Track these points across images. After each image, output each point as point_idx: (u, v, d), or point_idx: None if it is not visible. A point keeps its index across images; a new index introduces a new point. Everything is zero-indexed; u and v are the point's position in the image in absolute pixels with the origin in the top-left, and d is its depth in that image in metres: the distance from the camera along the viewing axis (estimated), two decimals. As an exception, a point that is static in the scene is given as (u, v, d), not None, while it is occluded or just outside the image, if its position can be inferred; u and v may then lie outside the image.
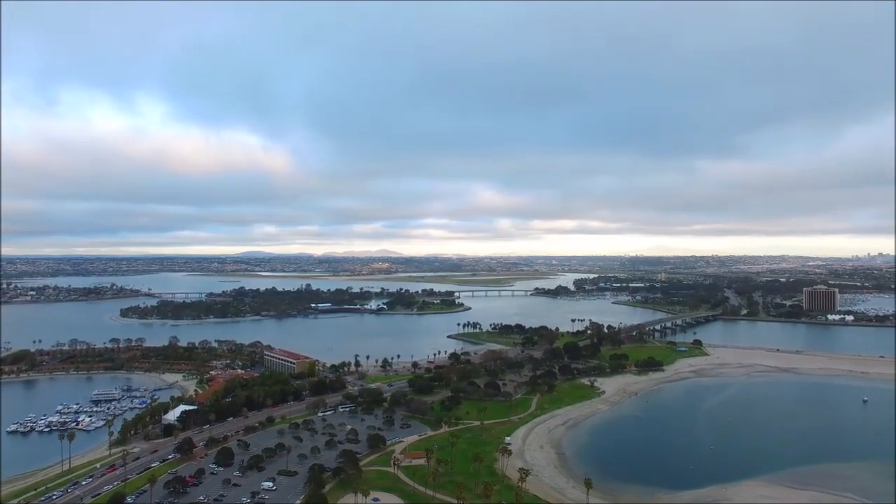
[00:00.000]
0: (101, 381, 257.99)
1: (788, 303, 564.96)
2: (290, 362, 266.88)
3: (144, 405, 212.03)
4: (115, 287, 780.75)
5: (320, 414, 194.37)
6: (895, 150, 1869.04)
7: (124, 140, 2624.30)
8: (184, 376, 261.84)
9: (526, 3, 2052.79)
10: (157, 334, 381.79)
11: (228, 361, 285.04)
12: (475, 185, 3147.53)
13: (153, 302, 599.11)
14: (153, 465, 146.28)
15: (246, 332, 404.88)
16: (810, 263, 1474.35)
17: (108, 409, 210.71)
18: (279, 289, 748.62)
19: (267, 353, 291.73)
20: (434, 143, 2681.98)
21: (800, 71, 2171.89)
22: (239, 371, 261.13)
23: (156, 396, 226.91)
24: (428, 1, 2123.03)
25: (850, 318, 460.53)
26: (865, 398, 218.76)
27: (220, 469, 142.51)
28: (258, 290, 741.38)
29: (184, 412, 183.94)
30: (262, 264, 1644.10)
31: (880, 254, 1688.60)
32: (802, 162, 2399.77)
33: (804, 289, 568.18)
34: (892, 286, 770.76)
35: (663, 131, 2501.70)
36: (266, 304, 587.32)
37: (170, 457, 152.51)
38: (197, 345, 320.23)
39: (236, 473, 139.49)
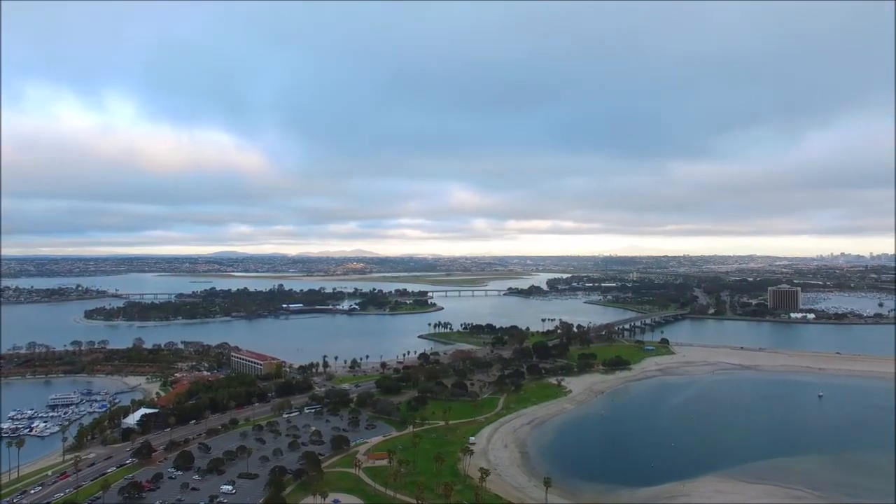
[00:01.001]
0: (60, 385, 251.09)
1: (754, 302, 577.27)
2: (257, 364, 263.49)
3: (104, 409, 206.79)
4: (80, 288, 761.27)
5: (285, 415, 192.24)
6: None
7: (93, 138, 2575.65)
8: (147, 379, 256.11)
9: (501, 4, 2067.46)
10: (123, 336, 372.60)
11: (194, 363, 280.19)
12: (451, 185, 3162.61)
13: (120, 303, 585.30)
14: (109, 470, 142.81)
15: (214, 333, 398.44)
16: (777, 263, 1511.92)
17: (66, 413, 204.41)
18: (251, 289, 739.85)
19: (234, 354, 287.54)
20: (409, 144, 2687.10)
21: (764, 76, 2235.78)
22: (204, 373, 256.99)
23: (116, 400, 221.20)
24: (402, 1, 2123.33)
25: (811, 316, 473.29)
26: (821, 393, 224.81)
27: (179, 473, 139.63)
28: (229, 290, 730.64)
29: (144, 416, 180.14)
30: (236, 264, 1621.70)
31: (842, 253, 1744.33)
32: (768, 164, 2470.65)
33: (769, 288, 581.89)
34: (852, 285, 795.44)
35: (635, 133, 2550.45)
36: (236, 304, 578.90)
37: (127, 462, 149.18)
38: (163, 346, 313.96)
39: (195, 477, 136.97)
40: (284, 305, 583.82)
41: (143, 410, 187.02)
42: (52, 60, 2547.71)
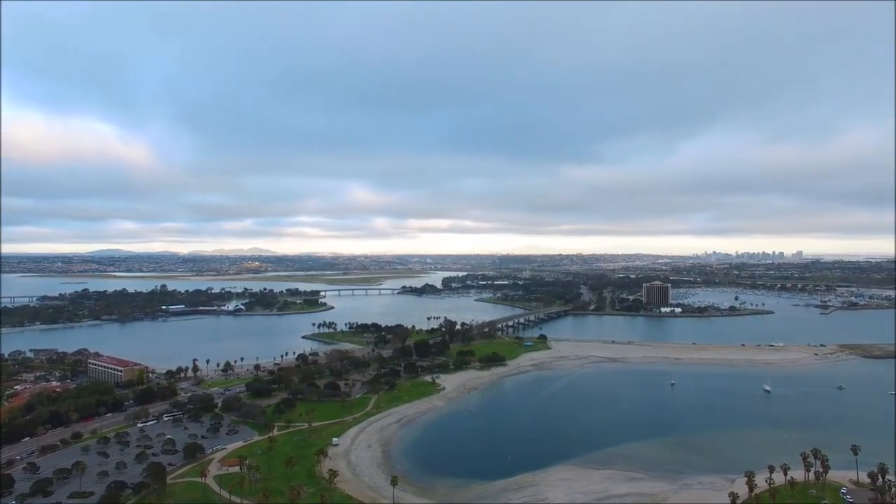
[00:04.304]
0: None
1: (632, 297, 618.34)
2: (117, 370, 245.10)
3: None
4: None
5: (140, 425, 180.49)
6: None
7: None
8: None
9: (394, 4, 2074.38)
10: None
11: (44, 373, 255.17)
12: (350, 183, 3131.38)
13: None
14: None
15: (79, 339, 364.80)
16: (660, 261, 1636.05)
17: None
18: (131, 290, 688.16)
19: (92, 361, 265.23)
20: (305, 141, 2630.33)
21: (640, 88, 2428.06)
22: (53, 384, 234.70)
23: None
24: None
25: (678, 310, 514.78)
26: (673, 382, 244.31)
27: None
28: (105, 292, 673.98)
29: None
30: (117, 264, 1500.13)
31: (714, 252, 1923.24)
32: (649, 169, 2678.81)
33: (644, 284, 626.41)
34: (717, 280, 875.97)
35: (529, 136, 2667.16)
36: (109, 307, 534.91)
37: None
38: (7, 356, 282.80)
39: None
40: (164, 307, 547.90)
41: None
42: None
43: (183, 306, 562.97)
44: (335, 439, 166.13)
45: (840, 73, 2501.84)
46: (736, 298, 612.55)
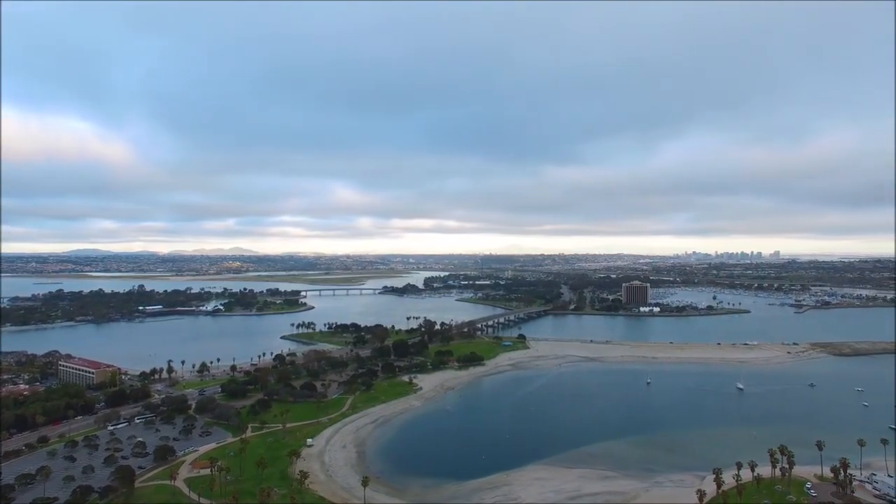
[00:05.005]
0: None
1: (612, 297, 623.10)
2: (89, 372, 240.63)
3: None
4: None
5: (110, 427, 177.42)
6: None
7: None
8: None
9: (377, 4, 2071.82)
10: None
11: (12, 376, 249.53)
12: (333, 183, 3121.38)
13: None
14: None
15: (51, 340, 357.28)
16: (641, 261, 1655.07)
17: None
18: (107, 290, 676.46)
19: (63, 363, 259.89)
20: (288, 140, 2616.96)
21: (619, 90, 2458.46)
22: (21, 386, 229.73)
23: None
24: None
25: (657, 309, 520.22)
26: (649, 380, 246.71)
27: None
28: (80, 292, 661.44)
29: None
30: (95, 263, 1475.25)
31: (694, 252, 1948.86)
32: (630, 170, 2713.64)
33: (623, 284, 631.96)
34: (696, 280, 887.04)
35: (511, 137, 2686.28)
36: (84, 307, 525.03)
37: None
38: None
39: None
40: (141, 308, 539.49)
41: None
42: None
43: (160, 307, 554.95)
44: (310, 440, 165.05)
45: (811, 78, 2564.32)
46: (714, 298, 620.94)
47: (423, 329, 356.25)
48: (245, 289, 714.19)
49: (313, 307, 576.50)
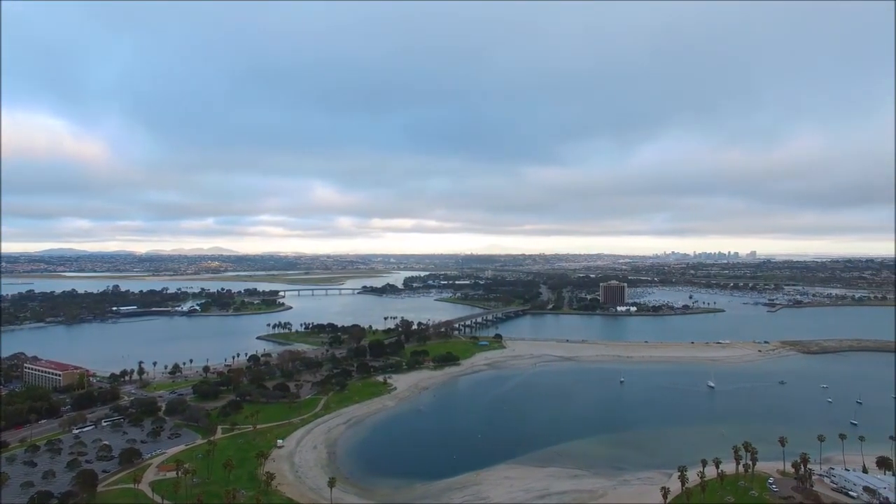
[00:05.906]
0: None
1: (590, 297, 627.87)
2: (56, 374, 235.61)
3: None
4: None
5: (75, 431, 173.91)
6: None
7: None
8: None
9: (355, 4, 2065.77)
10: None
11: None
12: (313, 182, 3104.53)
13: None
14: None
15: (18, 342, 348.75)
16: (620, 261, 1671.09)
17: None
18: (80, 291, 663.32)
19: (28, 365, 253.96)
20: (267, 139, 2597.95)
21: (596, 93, 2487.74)
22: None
23: None
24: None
25: (633, 308, 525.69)
26: (622, 379, 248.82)
27: None
28: (52, 292, 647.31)
29: None
30: (68, 263, 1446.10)
31: (673, 252, 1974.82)
32: (608, 171, 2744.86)
33: (601, 284, 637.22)
34: (673, 280, 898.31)
35: (490, 137, 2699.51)
36: (55, 308, 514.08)
37: None
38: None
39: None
40: (114, 308, 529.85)
41: None
42: None
43: (135, 307, 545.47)
44: (280, 441, 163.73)
45: (783, 82, 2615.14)
46: (690, 297, 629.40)
47: (399, 329, 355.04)
48: (222, 289, 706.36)
49: (291, 307, 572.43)
